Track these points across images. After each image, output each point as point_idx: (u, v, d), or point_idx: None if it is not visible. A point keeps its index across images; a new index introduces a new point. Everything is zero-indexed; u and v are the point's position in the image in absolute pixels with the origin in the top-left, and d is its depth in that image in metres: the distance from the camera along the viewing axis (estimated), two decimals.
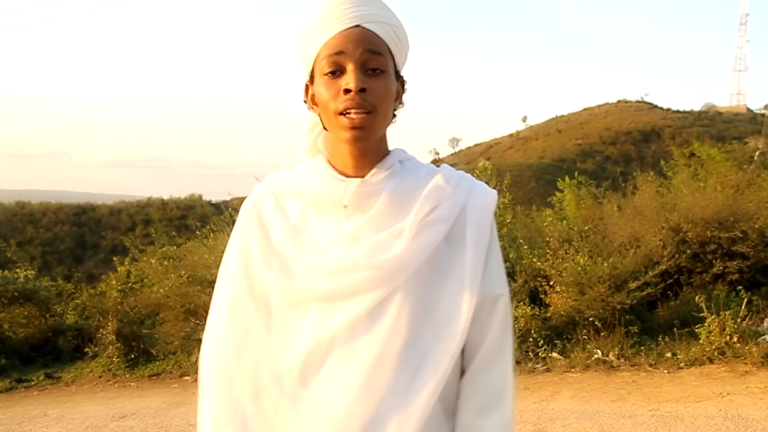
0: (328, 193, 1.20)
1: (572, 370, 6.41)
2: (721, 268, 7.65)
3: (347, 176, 1.22)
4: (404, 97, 1.27)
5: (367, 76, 1.14)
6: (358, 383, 1.10)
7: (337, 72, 1.15)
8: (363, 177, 1.21)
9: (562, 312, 7.02)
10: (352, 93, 1.13)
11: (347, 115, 1.14)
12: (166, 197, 60.75)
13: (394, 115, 1.26)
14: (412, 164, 1.27)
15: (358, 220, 1.18)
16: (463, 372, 1.21)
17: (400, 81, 1.25)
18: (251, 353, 1.19)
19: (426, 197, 1.18)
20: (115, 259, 10.75)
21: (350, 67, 1.14)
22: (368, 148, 1.21)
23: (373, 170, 1.21)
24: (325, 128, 1.27)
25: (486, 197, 1.23)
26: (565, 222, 9.48)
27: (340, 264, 1.15)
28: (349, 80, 1.13)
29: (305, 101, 1.26)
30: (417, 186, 1.21)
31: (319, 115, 1.25)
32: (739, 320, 6.42)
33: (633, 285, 6.80)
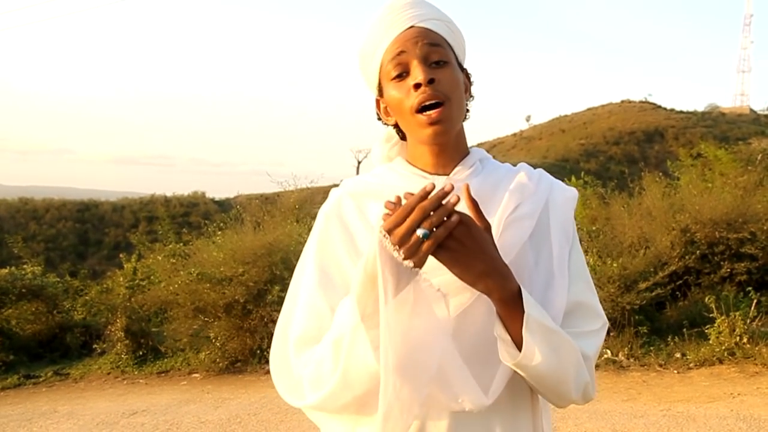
0: (412, 191, 1.20)
1: None
2: (729, 269, 7.64)
3: (430, 174, 1.22)
4: (473, 90, 1.28)
5: (432, 68, 1.16)
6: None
7: (403, 74, 1.17)
8: (446, 175, 1.21)
9: None
10: (422, 86, 1.14)
11: (424, 113, 1.14)
12: (169, 194, 60.68)
13: (467, 111, 1.27)
14: (491, 163, 1.27)
15: None
16: None
17: (465, 74, 1.26)
18: None
19: (511, 194, 1.19)
20: (121, 255, 10.72)
21: (414, 63, 1.16)
22: (448, 145, 1.21)
23: (457, 168, 1.22)
24: (402, 138, 1.29)
25: (567, 194, 1.24)
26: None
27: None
28: (416, 74, 1.15)
29: (379, 117, 1.28)
30: (500, 183, 1.21)
31: (394, 126, 1.27)
32: (748, 321, 6.43)
33: (643, 285, 6.80)
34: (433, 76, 1.14)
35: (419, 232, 0.95)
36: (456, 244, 0.99)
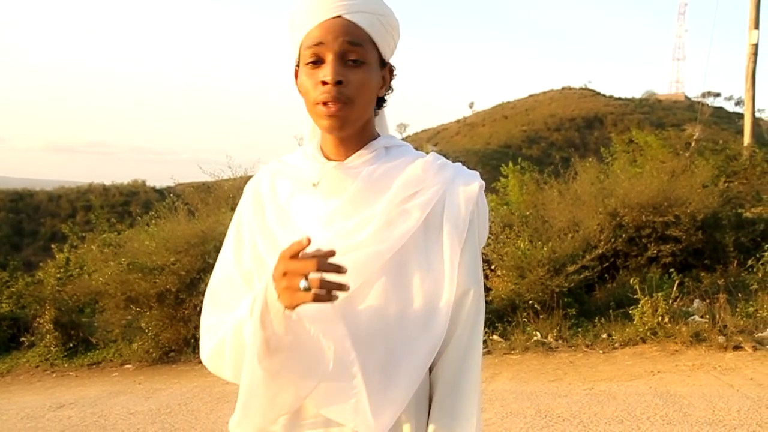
0: (305, 174, 1.24)
1: (512, 352, 6.55)
2: (655, 251, 7.89)
3: (330, 160, 1.24)
4: (393, 83, 1.28)
5: (346, 67, 1.15)
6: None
7: (318, 62, 1.16)
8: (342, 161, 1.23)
9: (502, 295, 7.15)
10: (328, 85, 1.13)
11: (324, 105, 1.15)
12: (108, 183, 59.29)
13: (384, 101, 1.29)
14: (399, 151, 1.27)
15: (333, 203, 1.20)
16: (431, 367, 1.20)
17: (388, 68, 1.26)
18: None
19: (402, 184, 1.19)
20: (53, 246, 10.42)
21: (329, 58, 1.15)
22: (349, 135, 1.22)
23: (352, 156, 1.23)
24: None
25: (468, 187, 1.21)
26: (507, 207, 9.64)
27: (313, 245, 1.13)
28: (326, 72, 1.14)
29: (296, 84, 1.26)
30: (395, 172, 1.21)
31: None
32: (670, 301, 6.66)
33: (571, 268, 6.97)
34: (343, 77, 1.14)
35: (302, 285, 1.03)
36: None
